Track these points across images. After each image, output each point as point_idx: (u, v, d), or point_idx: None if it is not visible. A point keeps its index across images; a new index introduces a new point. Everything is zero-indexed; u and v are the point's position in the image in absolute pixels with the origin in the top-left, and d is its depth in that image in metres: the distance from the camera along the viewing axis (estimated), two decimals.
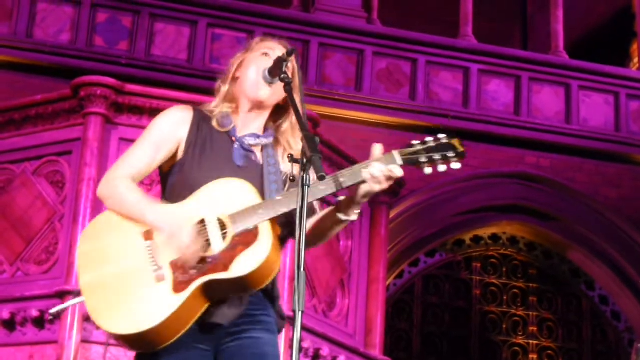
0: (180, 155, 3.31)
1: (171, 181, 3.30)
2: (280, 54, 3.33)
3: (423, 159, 3.17)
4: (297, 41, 9.97)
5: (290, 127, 3.38)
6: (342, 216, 3.19)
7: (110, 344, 5.66)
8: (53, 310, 3.36)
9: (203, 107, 3.43)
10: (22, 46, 9.49)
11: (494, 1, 12.82)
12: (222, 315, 3.14)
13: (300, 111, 3.16)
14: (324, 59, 10.20)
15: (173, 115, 3.38)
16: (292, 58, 3.29)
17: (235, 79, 3.45)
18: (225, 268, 3.06)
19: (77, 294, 3.14)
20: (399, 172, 3.11)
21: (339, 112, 9.85)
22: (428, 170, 3.18)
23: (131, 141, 6.20)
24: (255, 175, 3.26)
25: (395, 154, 3.15)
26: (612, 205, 10.49)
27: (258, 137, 3.35)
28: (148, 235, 3.15)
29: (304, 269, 2.88)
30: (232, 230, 3.10)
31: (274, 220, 3.12)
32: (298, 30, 10.14)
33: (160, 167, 3.36)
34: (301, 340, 2.87)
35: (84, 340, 5.89)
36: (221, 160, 3.27)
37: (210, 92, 3.51)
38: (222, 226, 3.12)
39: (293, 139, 3.37)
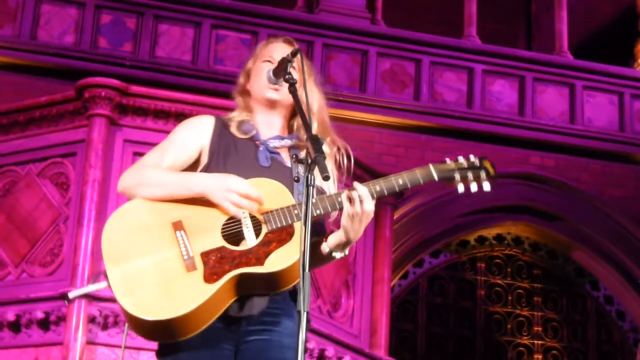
0: (203, 161, 3.34)
1: None
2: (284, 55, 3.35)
3: (457, 177, 3.26)
4: (302, 42, 9.96)
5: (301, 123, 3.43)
6: (334, 254, 3.26)
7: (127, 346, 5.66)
8: (72, 295, 3.37)
9: (224, 115, 3.46)
10: (26, 48, 9.49)
11: (498, 2, 12.81)
12: (247, 309, 3.16)
13: (305, 110, 3.17)
14: (328, 59, 10.19)
15: (196, 122, 3.42)
16: (298, 58, 3.29)
17: (247, 92, 3.47)
18: (259, 262, 3.10)
19: (96, 279, 3.15)
20: (366, 191, 3.17)
21: (343, 113, 9.84)
22: (460, 187, 3.29)
23: (136, 143, 6.29)
24: (282, 175, 3.30)
25: (432, 167, 3.24)
26: (616, 205, 10.48)
27: (282, 138, 3.40)
28: (178, 226, 3.17)
29: (309, 270, 2.90)
30: (265, 227, 3.15)
31: None
32: (302, 31, 10.14)
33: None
34: (306, 340, 2.88)
35: (90, 342, 5.90)
36: (246, 162, 3.31)
37: (215, 93, 3.54)
38: (256, 222, 3.17)
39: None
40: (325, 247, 3.26)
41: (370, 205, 3.17)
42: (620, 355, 10.60)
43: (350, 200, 3.15)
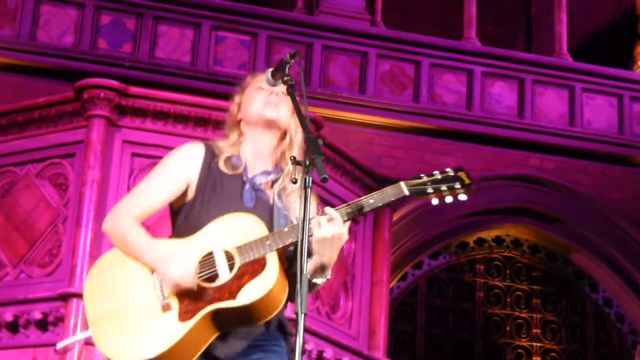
0: (190, 195, 3.34)
1: (179, 222, 3.34)
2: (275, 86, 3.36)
3: (430, 190, 3.22)
4: (301, 44, 9.96)
5: (287, 145, 3.41)
6: (314, 280, 3.24)
7: None
8: (60, 345, 3.41)
9: (214, 142, 3.44)
10: (26, 49, 9.48)
11: (498, 4, 12.81)
12: (227, 348, 3.16)
13: (303, 113, 3.16)
14: (328, 61, 10.18)
15: (184, 153, 3.40)
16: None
17: (238, 122, 3.45)
18: (232, 297, 3.10)
19: (84, 326, 3.18)
20: (334, 215, 3.16)
21: (343, 115, 9.83)
22: (435, 200, 3.23)
23: (135, 144, 6.28)
24: (265, 214, 3.28)
25: (402, 184, 3.20)
26: (616, 207, 10.48)
27: (269, 174, 3.38)
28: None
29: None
30: (238, 261, 3.14)
31: (280, 253, 3.16)
32: (302, 32, 10.14)
33: (171, 205, 3.39)
34: (304, 342, 2.87)
35: (88, 343, 5.89)
36: (230, 202, 3.29)
37: (214, 95, 3.52)
38: (229, 257, 3.16)
39: (289, 152, 3.40)
40: (314, 280, 3.25)
41: (339, 229, 3.15)
42: (619, 358, 10.59)
43: (320, 225, 3.14)
